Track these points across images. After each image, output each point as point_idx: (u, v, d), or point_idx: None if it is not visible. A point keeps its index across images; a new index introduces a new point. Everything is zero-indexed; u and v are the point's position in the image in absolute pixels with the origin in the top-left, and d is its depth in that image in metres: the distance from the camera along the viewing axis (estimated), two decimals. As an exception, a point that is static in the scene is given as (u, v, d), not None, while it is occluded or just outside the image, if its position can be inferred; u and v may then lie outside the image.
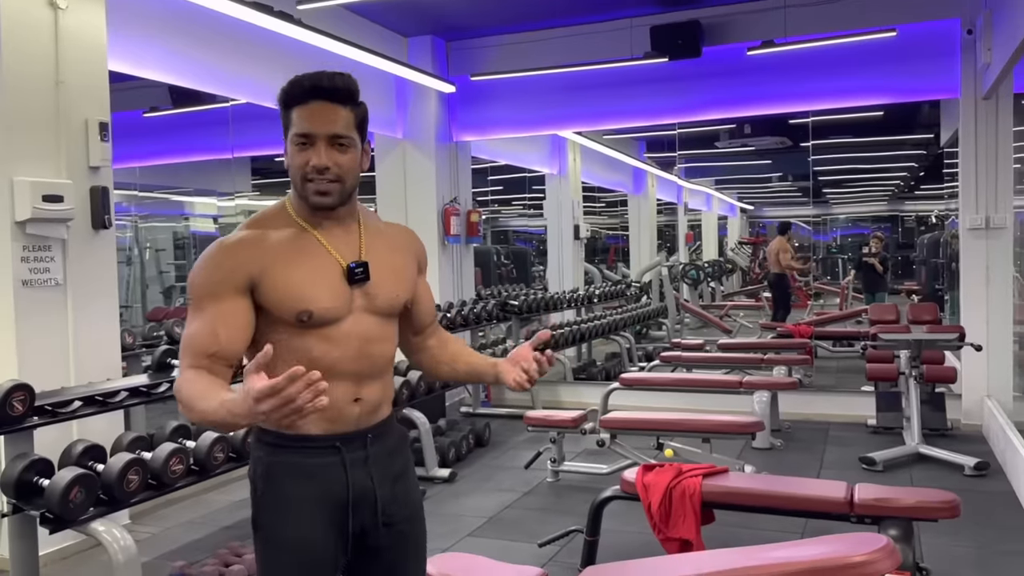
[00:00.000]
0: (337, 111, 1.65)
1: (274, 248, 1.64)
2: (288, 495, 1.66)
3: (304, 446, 1.66)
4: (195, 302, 1.62)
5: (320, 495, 1.67)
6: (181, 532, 4.42)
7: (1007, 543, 3.93)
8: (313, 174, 1.63)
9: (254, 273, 1.61)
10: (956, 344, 5.71)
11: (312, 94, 1.63)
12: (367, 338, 1.69)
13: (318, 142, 1.63)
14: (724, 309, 10.98)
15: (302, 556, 1.66)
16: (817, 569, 2.37)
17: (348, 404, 1.68)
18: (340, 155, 1.64)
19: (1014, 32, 4.63)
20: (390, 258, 1.76)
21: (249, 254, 1.63)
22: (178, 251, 10.11)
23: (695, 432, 4.84)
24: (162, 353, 4.07)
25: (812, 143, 8.37)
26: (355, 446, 1.70)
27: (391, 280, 1.74)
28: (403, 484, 1.80)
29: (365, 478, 1.70)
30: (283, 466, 1.66)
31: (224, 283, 1.60)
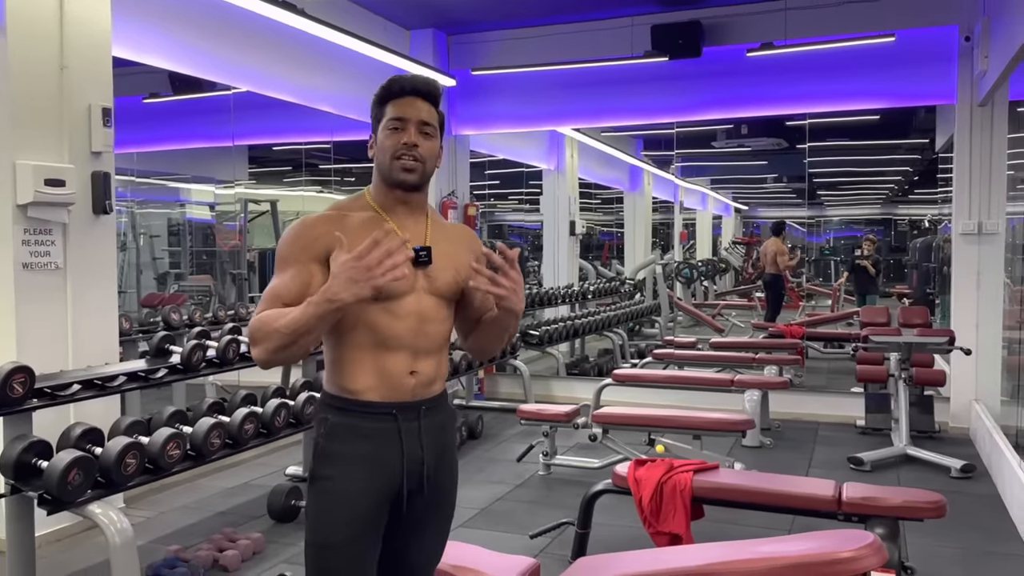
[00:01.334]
0: (425, 105, 1.89)
1: (351, 227, 1.83)
2: (345, 453, 1.82)
3: (364, 411, 1.83)
4: (279, 265, 1.83)
5: (374, 456, 1.83)
6: (175, 517, 4.45)
7: (991, 544, 3.99)
8: (403, 151, 1.84)
9: (331, 245, 1.76)
10: (946, 348, 5.78)
11: (409, 91, 1.89)
12: (425, 317, 1.86)
13: (409, 126, 1.86)
14: (717, 308, 11.03)
15: (350, 508, 1.81)
16: (805, 564, 2.42)
17: (405, 376, 1.84)
18: (425, 140, 1.87)
19: (1011, 40, 4.68)
20: (450, 248, 1.92)
21: (328, 229, 1.81)
22: (172, 238, 10.09)
23: (686, 429, 4.90)
24: (160, 339, 4.09)
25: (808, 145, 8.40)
26: (410, 416, 1.86)
27: (450, 267, 1.91)
28: (448, 457, 1.96)
29: (416, 446, 1.86)
30: (343, 427, 1.83)
31: (304, 251, 1.81)
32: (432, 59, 7.08)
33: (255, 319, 1.74)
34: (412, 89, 1.89)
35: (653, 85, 7.02)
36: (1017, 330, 5.77)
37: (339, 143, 8.67)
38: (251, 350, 1.74)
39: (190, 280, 9.57)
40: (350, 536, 1.81)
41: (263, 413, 3.97)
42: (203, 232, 10.21)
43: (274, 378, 6.05)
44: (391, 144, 1.85)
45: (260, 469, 5.35)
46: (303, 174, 9.75)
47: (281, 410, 4.04)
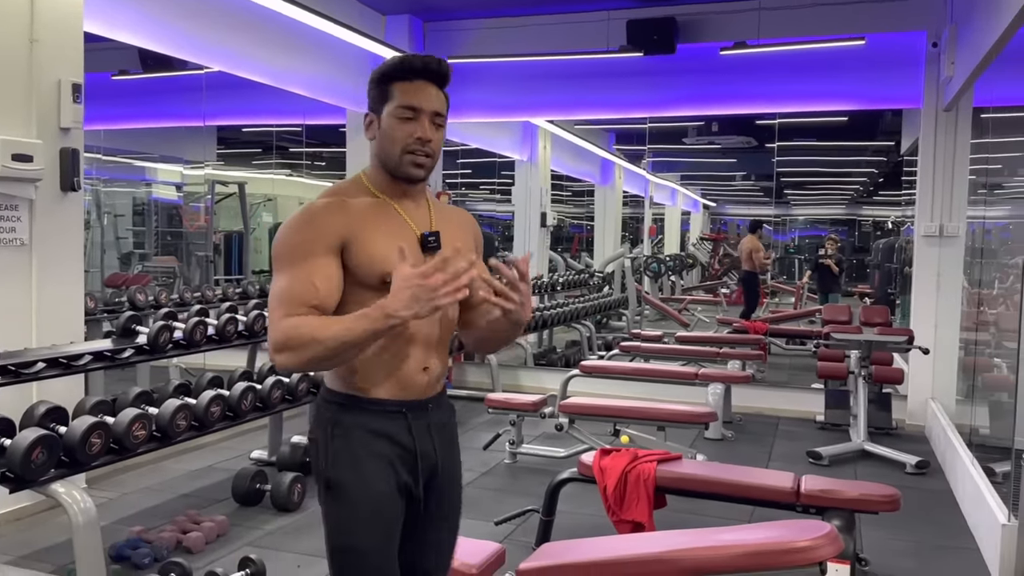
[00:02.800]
0: (436, 91, 1.76)
1: (360, 214, 1.72)
2: (361, 453, 1.73)
3: (375, 409, 1.75)
4: (288, 259, 1.67)
5: (391, 455, 1.75)
6: (138, 498, 4.43)
7: (942, 538, 4.11)
8: (416, 145, 1.73)
9: (344, 235, 1.68)
10: (905, 347, 5.91)
11: (421, 73, 1.74)
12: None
13: (423, 117, 1.73)
14: (683, 303, 11.15)
15: (376, 510, 1.74)
16: (764, 552, 2.49)
17: (418, 372, 1.77)
18: (435, 132, 1.75)
19: (977, 48, 4.79)
20: (455, 234, 1.83)
21: (339, 218, 1.70)
22: (137, 217, 9.96)
23: (651, 420, 4.97)
24: (127, 319, 4.04)
25: (777, 144, 8.52)
26: (419, 413, 1.79)
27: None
28: (456, 452, 1.92)
29: (429, 445, 1.80)
30: (355, 426, 1.74)
31: (318, 241, 1.67)
32: (408, 45, 7.05)
33: (286, 323, 1.60)
34: (425, 71, 1.74)
35: (627, 80, 7.06)
36: (974, 331, 5.92)
37: (311, 126, 8.62)
38: (277, 356, 1.61)
39: (155, 261, 9.47)
40: (380, 539, 1.75)
41: (230, 396, 3.95)
42: (169, 213, 10.09)
43: (240, 362, 6.02)
44: (402, 136, 1.73)
45: (225, 452, 5.32)
46: (273, 156, 9.68)
47: (248, 393, 4.02)
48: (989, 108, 5.72)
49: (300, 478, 4.35)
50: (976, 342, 5.83)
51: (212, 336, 4.31)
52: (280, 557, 3.63)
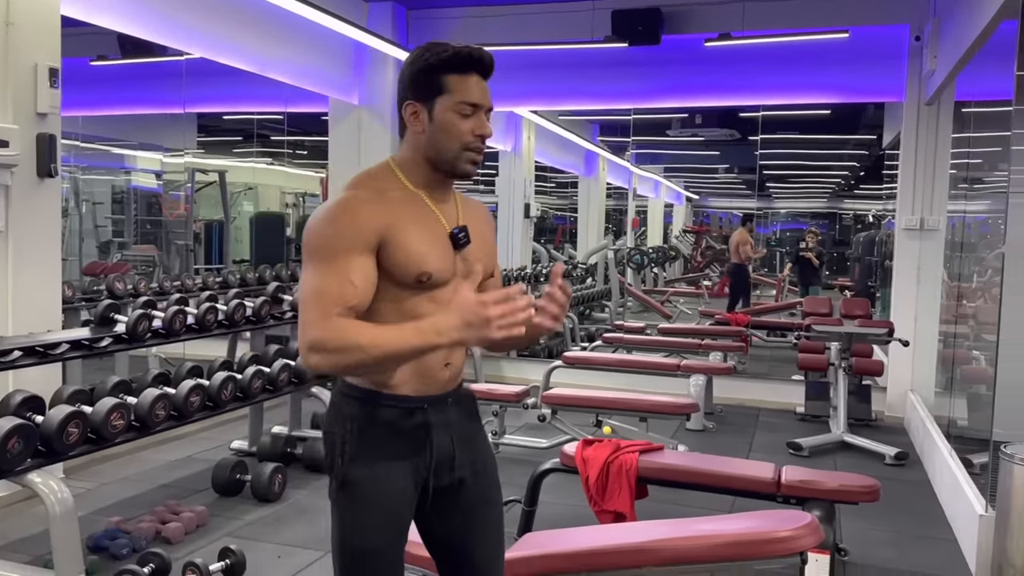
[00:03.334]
0: (485, 85, 1.72)
1: (396, 209, 1.66)
2: (377, 452, 1.69)
3: (396, 405, 1.70)
4: (324, 253, 1.60)
5: (408, 453, 1.71)
6: (117, 488, 4.38)
7: (921, 528, 4.15)
8: (476, 143, 1.69)
9: (382, 231, 1.62)
10: (885, 339, 5.95)
11: (475, 66, 1.69)
12: None
13: (481, 113, 1.70)
14: (665, 295, 11.18)
15: (390, 509, 1.70)
16: (745, 542, 2.50)
17: (440, 368, 1.72)
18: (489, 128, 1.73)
19: (959, 42, 4.81)
20: (479, 228, 1.80)
21: (378, 212, 1.64)
22: (116, 205, 9.86)
23: (633, 411, 4.97)
24: (105, 307, 3.99)
25: (760, 137, 8.54)
26: (439, 408, 1.74)
27: (482, 249, 1.80)
28: (479, 445, 1.85)
29: (446, 439, 1.75)
30: (375, 422, 1.69)
31: (357, 238, 1.61)
32: (391, 33, 7.00)
33: (327, 324, 1.54)
34: (480, 64, 1.70)
35: (612, 70, 7.05)
36: (953, 324, 5.97)
37: (293, 114, 8.54)
38: (312, 356, 1.53)
39: (134, 249, 9.38)
40: (392, 539, 1.72)
41: (210, 386, 3.92)
42: (148, 201, 9.99)
43: (220, 352, 5.97)
44: (463, 132, 1.68)
45: (205, 443, 5.28)
46: (254, 145, 9.59)
47: (228, 383, 3.99)
48: (970, 102, 5.76)
49: (281, 468, 4.32)
50: (955, 335, 5.88)
51: (192, 325, 4.27)
52: (260, 548, 3.61)
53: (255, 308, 4.75)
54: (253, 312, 4.74)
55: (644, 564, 2.51)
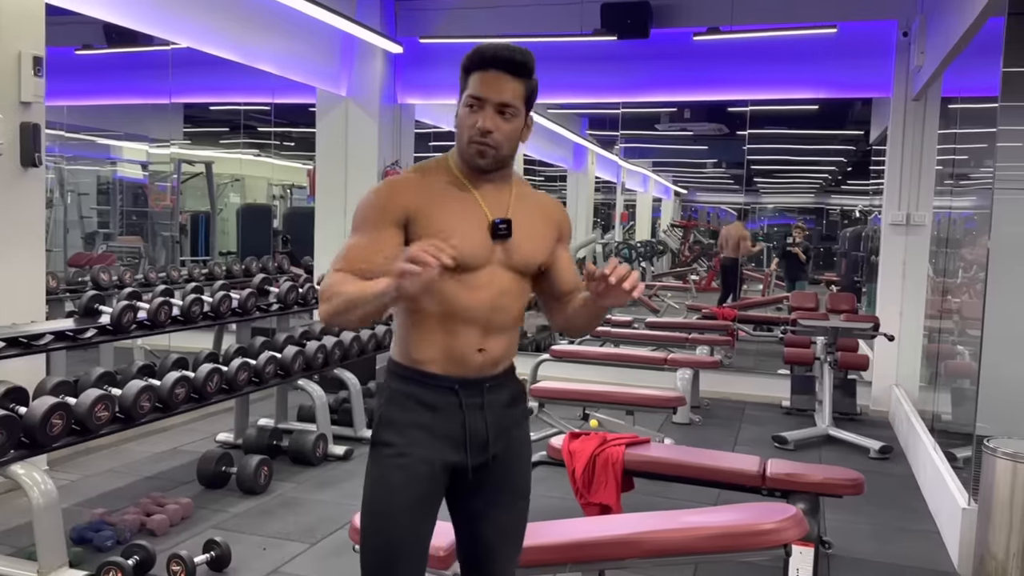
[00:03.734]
0: (509, 81, 1.76)
1: (432, 192, 1.78)
2: (405, 421, 1.80)
3: (425, 382, 1.80)
4: (358, 224, 1.79)
5: (435, 427, 1.80)
6: (101, 480, 4.36)
7: (904, 522, 4.18)
8: (477, 136, 1.76)
9: (411, 210, 1.75)
10: (870, 334, 5.99)
11: (492, 63, 1.76)
12: (500, 291, 1.80)
13: (487, 107, 1.75)
14: (653, 289, 11.20)
15: (408, 476, 1.78)
16: (730, 534, 2.51)
17: (472, 352, 1.79)
18: (504, 123, 1.76)
19: (946, 38, 4.83)
20: (532, 221, 1.85)
21: (409, 193, 1.78)
22: (101, 196, 9.80)
23: (620, 404, 4.98)
24: (90, 299, 3.97)
25: (748, 132, 8.55)
26: (472, 391, 1.82)
27: (530, 241, 1.84)
28: (517, 436, 1.91)
29: (480, 422, 1.82)
30: (405, 395, 1.81)
31: (384, 213, 1.76)
32: (379, 24, 6.97)
33: (328, 276, 1.74)
34: (495, 61, 1.76)
35: (601, 64, 7.04)
36: (938, 319, 6.00)
37: (280, 105, 8.49)
38: (319, 305, 1.72)
39: (119, 240, 9.32)
40: (406, 503, 1.78)
41: (195, 378, 3.90)
42: (134, 192, 9.93)
43: (206, 344, 5.95)
44: (468, 123, 1.77)
45: (189, 435, 5.26)
46: (241, 136, 9.53)
47: (214, 375, 3.97)
48: (957, 98, 5.79)
49: (267, 461, 4.31)
50: (940, 330, 5.92)
51: (177, 317, 4.25)
52: (246, 540, 3.60)
53: (241, 300, 4.73)
54: (239, 304, 4.72)
55: (630, 556, 2.52)
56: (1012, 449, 3.16)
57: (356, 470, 4.65)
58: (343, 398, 5.44)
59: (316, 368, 4.81)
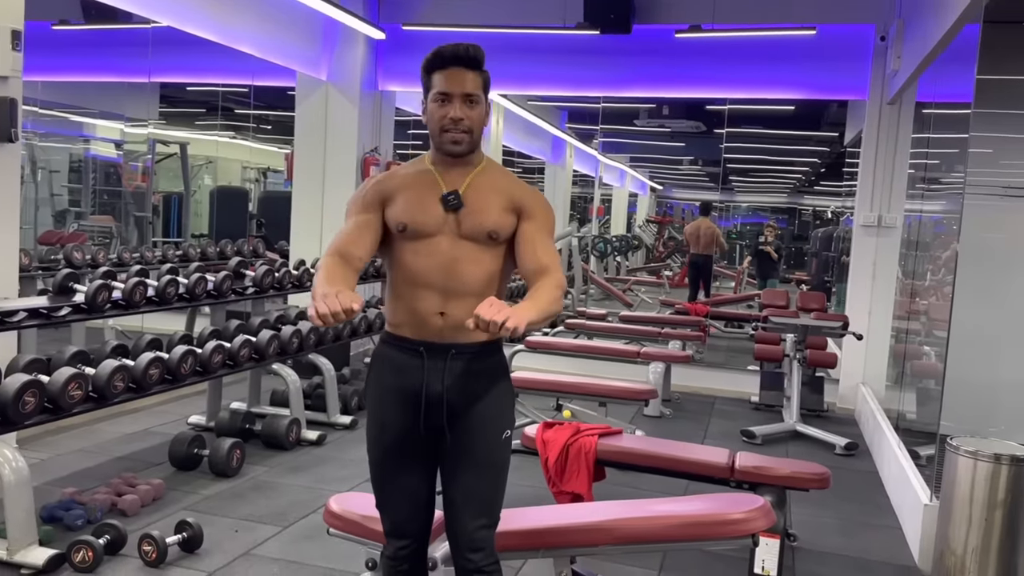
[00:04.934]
0: (468, 74, 2.03)
1: (403, 181, 2.09)
2: (379, 381, 2.10)
3: (398, 345, 2.07)
4: (348, 212, 2.11)
5: (401, 387, 2.05)
6: (72, 459, 4.33)
7: (867, 517, 4.27)
8: (450, 125, 2.01)
9: (385, 197, 2.07)
10: (839, 332, 6.09)
11: (452, 61, 2.02)
12: (454, 257, 2.01)
13: (455, 99, 2.01)
14: (627, 283, 11.28)
15: (380, 430, 2.10)
16: (698, 523, 2.56)
17: (433, 315, 2.02)
18: (470, 110, 2.03)
19: (922, 43, 4.91)
20: (485, 195, 2.06)
21: (387, 183, 2.10)
22: (73, 174, 9.66)
23: (593, 396, 5.03)
24: (65, 276, 3.93)
25: (726, 130, 8.63)
26: (436, 356, 2.03)
27: (480, 212, 2.04)
28: (481, 406, 2.06)
29: (438, 383, 2.03)
30: (382, 358, 2.11)
31: (367, 202, 2.08)
32: (362, 9, 6.93)
33: (322, 259, 2.01)
34: (453, 59, 2.01)
35: (583, 57, 7.06)
36: (905, 320, 6.12)
37: (259, 87, 8.42)
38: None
39: (91, 220, 9.20)
40: (380, 456, 2.10)
41: (169, 359, 3.89)
42: (107, 171, 9.80)
43: (178, 327, 5.91)
44: (439, 116, 2.02)
45: (162, 416, 5.23)
46: (217, 118, 9.44)
47: (188, 357, 3.96)
48: (931, 103, 5.89)
49: (239, 444, 4.31)
50: (907, 330, 6.03)
51: (152, 298, 4.22)
52: (217, 522, 3.60)
53: (217, 283, 4.71)
54: (215, 286, 4.70)
55: (600, 543, 2.56)
56: (973, 447, 3.24)
57: (329, 455, 4.66)
58: (317, 383, 5.43)
59: (291, 353, 4.80)
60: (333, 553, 3.28)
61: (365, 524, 2.61)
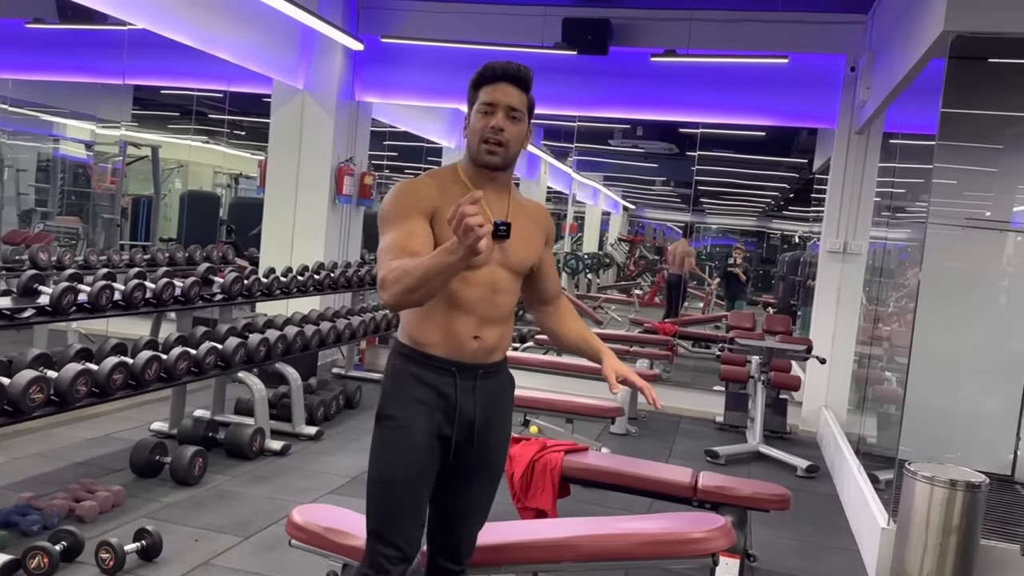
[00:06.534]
0: (515, 91, 2.05)
1: (446, 194, 2.00)
2: (407, 395, 2.04)
3: (427, 362, 2.04)
4: (392, 218, 1.99)
5: (432, 402, 2.04)
6: (29, 463, 4.25)
7: (827, 539, 4.33)
8: (489, 133, 2.01)
9: (435, 205, 1.99)
10: (803, 355, 6.16)
11: (501, 77, 2.04)
12: (496, 287, 2.04)
13: (498, 110, 2.02)
14: (598, 301, 11.34)
15: (410, 446, 2.03)
16: (660, 541, 2.58)
17: (468, 339, 2.04)
18: (512, 124, 2.03)
19: (891, 75, 5.03)
20: (527, 226, 2.11)
21: (431, 192, 2.02)
22: (41, 174, 9.54)
23: (560, 412, 5.04)
24: (29, 278, 3.88)
25: (698, 153, 8.75)
26: (467, 375, 2.06)
27: (524, 244, 2.09)
28: (501, 421, 2.17)
29: (469, 403, 2.06)
30: (409, 373, 2.05)
31: (413, 207, 1.99)
32: (341, 20, 6.95)
33: (385, 273, 1.87)
34: (503, 75, 2.04)
35: (560, 76, 7.12)
36: (868, 345, 6.22)
37: (235, 93, 8.39)
38: (381, 292, 1.88)
39: (57, 220, 9.09)
40: (410, 474, 2.03)
41: (133, 364, 3.84)
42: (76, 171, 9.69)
43: (143, 332, 5.85)
44: (480, 127, 2.02)
45: (123, 423, 5.16)
46: (191, 122, 9.38)
47: (153, 363, 3.91)
48: (898, 134, 6.02)
49: (202, 452, 4.26)
50: (870, 356, 6.13)
51: (118, 302, 4.18)
52: (177, 530, 3.56)
53: (184, 288, 4.67)
54: (182, 292, 4.66)
55: (564, 559, 2.58)
56: (931, 473, 3.31)
57: (293, 466, 4.62)
58: (283, 393, 5.40)
59: (257, 361, 4.77)
60: (294, 565, 3.26)
61: (327, 536, 2.60)
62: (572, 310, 2.39)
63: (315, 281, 6.11)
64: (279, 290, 5.68)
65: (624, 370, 2.22)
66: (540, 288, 2.26)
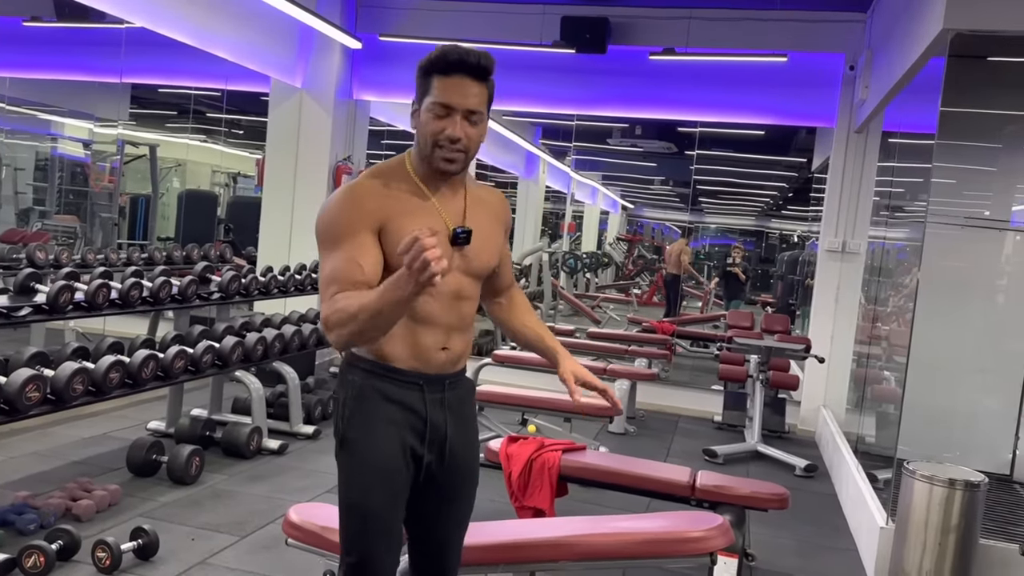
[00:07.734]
0: (473, 86, 1.77)
1: (396, 200, 1.79)
2: (373, 414, 1.84)
3: (392, 376, 1.85)
4: (332, 239, 1.76)
5: (400, 420, 1.85)
6: (25, 462, 4.24)
7: (825, 539, 4.32)
8: (445, 142, 1.77)
9: (382, 219, 1.76)
10: (802, 355, 6.16)
11: (457, 68, 1.75)
12: (458, 295, 1.87)
13: (455, 114, 1.76)
14: (596, 300, 11.33)
15: (381, 468, 1.84)
16: (658, 540, 2.57)
17: (436, 351, 1.86)
18: (471, 128, 1.79)
19: (890, 74, 5.02)
20: (487, 226, 1.91)
21: (378, 201, 1.78)
22: (39, 172, 9.53)
23: (558, 411, 5.03)
24: (26, 276, 3.87)
25: (696, 152, 8.74)
26: (435, 388, 1.88)
27: (485, 247, 1.90)
28: (470, 430, 2.01)
29: (440, 417, 1.89)
30: (373, 390, 1.85)
31: (359, 221, 1.75)
32: (339, 18, 6.93)
33: (328, 308, 1.67)
34: (461, 65, 1.75)
35: (558, 75, 7.11)
36: (867, 345, 6.21)
37: (232, 92, 8.38)
38: (328, 334, 1.67)
39: (55, 219, 9.08)
40: (383, 497, 1.84)
41: (130, 363, 3.83)
42: (73, 170, 9.68)
43: (140, 331, 5.84)
44: (433, 130, 1.77)
45: (120, 422, 5.15)
46: (189, 121, 9.37)
47: (149, 362, 3.90)
48: (896, 133, 6.01)
49: (199, 451, 4.25)
50: (868, 355, 6.12)
51: (115, 300, 4.17)
52: (174, 530, 3.55)
53: (181, 287, 4.66)
54: (179, 291, 4.65)
55: (561, 558, 2.57)
56: (929, 472, 3.30)
57: (290, 465, 4.61)
58: (280, 392, 5.38)
59: (255, 360, 4.76)
60: (291, 564, 3.25)
61: (324, 535, 2.59)
62: (526, 303, 2.22)
63: (312, 280, 6.10)
64: (277, 289, 5.67)
65: (582, 372, 2.07)
66: (493, 280, 2.06)
